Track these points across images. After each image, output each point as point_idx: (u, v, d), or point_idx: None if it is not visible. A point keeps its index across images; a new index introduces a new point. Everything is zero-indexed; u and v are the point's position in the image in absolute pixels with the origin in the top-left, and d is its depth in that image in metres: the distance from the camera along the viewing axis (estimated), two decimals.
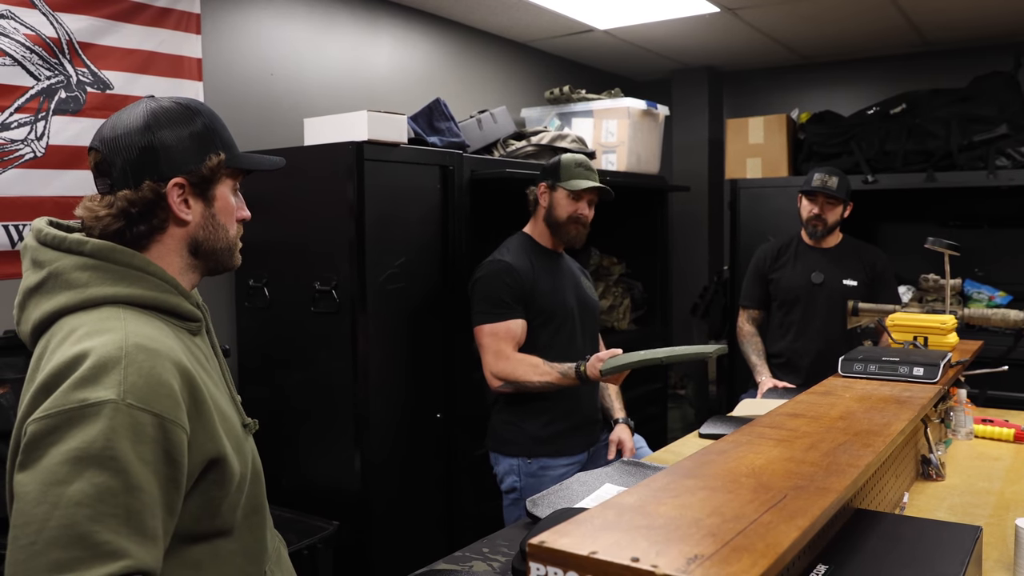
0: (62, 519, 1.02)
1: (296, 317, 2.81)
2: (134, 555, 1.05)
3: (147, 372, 1.11)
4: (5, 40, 2.44)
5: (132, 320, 1.18)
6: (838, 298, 3.16)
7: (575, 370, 2.44)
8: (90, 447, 1.05)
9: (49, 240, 1.22)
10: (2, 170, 2.46)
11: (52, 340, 1.17)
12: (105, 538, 1.03)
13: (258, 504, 1.35)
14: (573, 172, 2.62)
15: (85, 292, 1.19)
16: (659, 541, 0.92)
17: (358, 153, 2.63)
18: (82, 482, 1.04)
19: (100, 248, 1.21)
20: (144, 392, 1.10)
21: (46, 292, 1.20)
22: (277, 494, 2.87)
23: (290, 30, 3.36)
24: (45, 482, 1.04)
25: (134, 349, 1.12)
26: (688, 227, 5.46)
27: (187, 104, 1.31)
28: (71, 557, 1.01)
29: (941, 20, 4.16)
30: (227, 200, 1.35)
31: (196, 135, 1.29)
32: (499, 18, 4.12)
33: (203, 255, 1.34)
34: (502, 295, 2.54)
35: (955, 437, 2.47)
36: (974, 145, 3.97)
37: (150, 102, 1.29)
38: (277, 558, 1.44)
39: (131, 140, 1.25)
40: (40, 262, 1.22)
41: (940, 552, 1.24)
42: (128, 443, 1.07)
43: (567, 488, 2.00)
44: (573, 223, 2.63)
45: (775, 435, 1.46)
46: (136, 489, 1.07)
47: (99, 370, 1.09)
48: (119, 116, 1.29)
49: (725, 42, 4.65)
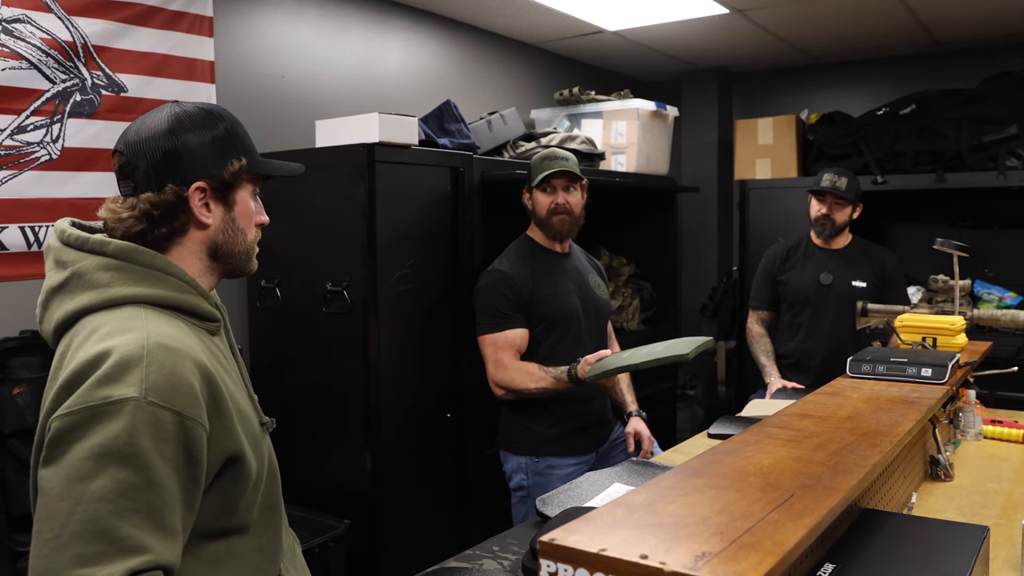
0: (85, 514, 1.05)
1: (308, 318, 2.84)
2: (155, 550, 1.07)
3: (168, 371, 1.13)
4: (21, 44, 2.47)
5: (153, 319, 1.20)
6: (847, 299, 3.16)
7: (567, 373, 2.46)
8: (112, 443, 1.07)
9: (72, 241, 1.25)
10: (18, 172, 2.49)
11: (75, 339, 1.19)
12: (127, 533, 1.06)
13: (274, 502, 1.38)
14: (539, 167, 2.65)
15: (107, 292, 1.21)
16: (667, 539, 0.93)
17: (369, 155, 2.65)
18: (104, 478, 1.06)
19: (122, 249, 1.24)
20: (165, 390, 1.12)
21: (69, 291, 1.23)
22: (288, 493, 2.88)
23: (301, 33, 3.38)
24: (69, 478, 1.07)
25: (156, 348, 1.14)
26: (697, 228, 5.46)
27: (210, 109, 1.33)
28: (94, 551, 1.04)
29: (951, 20, 4.16)
30: (247, 205, 1.38)
31: (219, 140, 1.31)
32: (509, 20, 4.13)
33: (222, 258, 1.36)
34: (499, 306, 2.57)
35: (964, 438, 2.47)
36: (984, 146, 3.96)
37: (174, 107, 1.31)
38: (292, 556, 1.46)
39: (155, 144, 1.26)
40: (63, 262, 1.24)
41: (947, 552, 1.25)
42: (149, 440, 1.09)
43: (576, 487, 2.02)
44: (554, 215, 2.65)
45: (783, 435, 1.46)
46: (157, 485, 1.09)
47: (121, 368, 1.11)
48: (144, 120, 1.30)
49: (734, 43, 4.65)
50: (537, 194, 2.67)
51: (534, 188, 2.67)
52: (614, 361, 2.39)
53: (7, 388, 2.36)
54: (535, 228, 2.73)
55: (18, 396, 2.37)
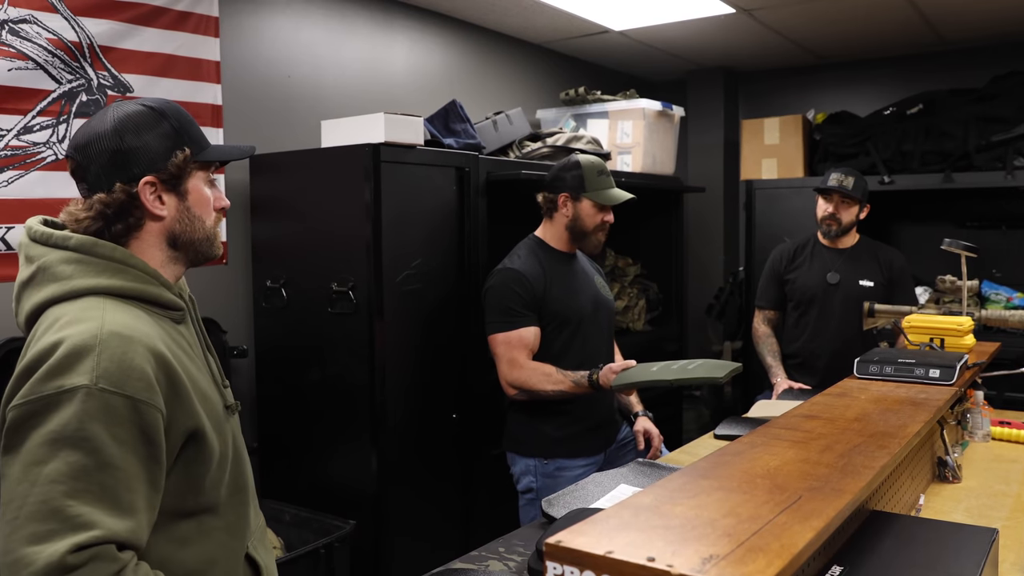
0: (39, 495, 1.12)
1: (313, 318, 2.84)
2: (105, 525, 1.13)
3: (119, 358, 1.19)
4: (28, 44, 2.47)
5: (111, 309, 1.26)
6: (854, 299, 3.15)
7: (588, 379, 2.45)
8: (64, 429, 1.14)
9: (38, 237, 1.32)
10: (24, 172, 2.49)
11: (38, 329, 1.26)
12: (78, 511, 1.12)
13: (242, 484, 1.44)
14: (597, 182, 2.60)
15: (69, 284, 1.27)
16: (675, 541, 0.93)
17: (375, 155, 2.65)
18: (57, 462, 1.13)
19: (83, 243, 1.30)
20: (117, 377, 1.18)
21: (36, 284, 1.30)
22: (294, 493, 2.90)
23: (307, 33, 3.38)
24: (25, 463, 1.14)
25: (109, 336, 1.20)
26: (703, 228, 5.45)
27: (153, 106, 1.38)
28: (46, 529, 1.11)
29: (958, 19, 4.14)
30: (201, 192, 1.42)
31: (163, 136, 1.36)
32: (514, 20, 4.13)
33: (182, 246, 1.41)
34: (513, 304, 2.55)
35: (972, 439, 2.46)
36: (992, 145, 3.94)
37: (117, 108, 1.36)
38: (261, 535, 1.52)
39: (101, 146, 1.32)
40: (31, 257, 1.31)
41: (956, 554, 1.24)
42: (100, 425, 1.16)
43: (582, 488, 2.01)
44: (599, 231, 2.64)
45: (790, 436, 1.46)
46: (109, 467, 1.15)
47: (73, 358, 1.17)
48: (90, 123, 1.36)
49: (740, 43, 4.64)
50: (588, 206, 2.60)
51: (585, 198, 2.60)
52: (642, 373, 2.36)
53: None
54: (552, 231, 2.68)
55: None
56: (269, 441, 3.05)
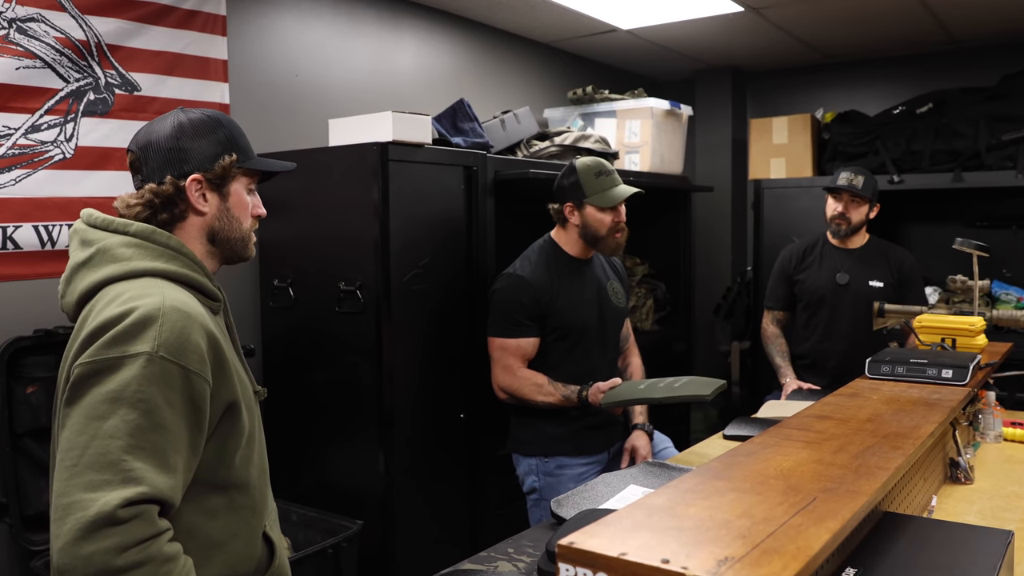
0: (99, 448, 1.23)
1: (321, 317, 2.83)
2: (152, 483, 1.24)
3: (179, 331, 1.31)
4: (35, 43, 2.47)
5: (169, 288, 1.38)
6: (864, 299, 3.13)
7: (578, 395, 2.46)
8: (124, 390, 1.25)
9: (98, 223, 1.45)
10: (32, 171, 2.49)
11: (98, 304, 1.35)
12: (131, 467, 1.23)
13: (264, 467, 1.57)
14: (597, 184, 2.53)
15: (129, 264, 1.39)
16: (689, 542, 0.92)
17: (382, 154, 2.64)
18: (116, 419, 1.24)
19: (143, 230, 1.43)
20: (175, 348, 1.30)
21: (93, 265, 1.40)
22: (301, 493, 2.89)
23: (315, 32, 3.38)
24: (87, 416, 1.25)
25: (170, 310, 1.32)
26: (711, 228, 5.43)
27: (212, 116, 1.52)
28: (102, 479, 1.21)
29: (969, 17, 4.11)
30: (241, 197, 1.55)
31: (215, 141, 1.50)
32: (522, 19, 4.12)
33: (219, 243, 1.53)
34: (516, 313, 2.54)
35: (984, 440, 2.44)
36: (1003, 144, 3.91)
37: (181, 113, 1.50)
38: (275, 518, 1.63)
39: (161, 144, 1.47)
40: (89, 241, 1.43)
41: (971, 557, 1.22)
42: (157, 389, 1.27)
43: (592, 489, 2.00)
44: (614, 232, 2.57)
45: (803, 437, 1.45)
46: (162, 428, 1.27)
47: (140, 326, 1.29)
48: (152, 124, 1.50)
49: (749, 41, 4.62)
50: (592, 211, 2.54)
51: (587, 204, 2.54)
52: (629, 391, 2.40)
53: (21, 387, 2.36)
54: (566, 236, 2.63)
55: (32, 395, 2.37)
56: (276, 440, 3.03)
